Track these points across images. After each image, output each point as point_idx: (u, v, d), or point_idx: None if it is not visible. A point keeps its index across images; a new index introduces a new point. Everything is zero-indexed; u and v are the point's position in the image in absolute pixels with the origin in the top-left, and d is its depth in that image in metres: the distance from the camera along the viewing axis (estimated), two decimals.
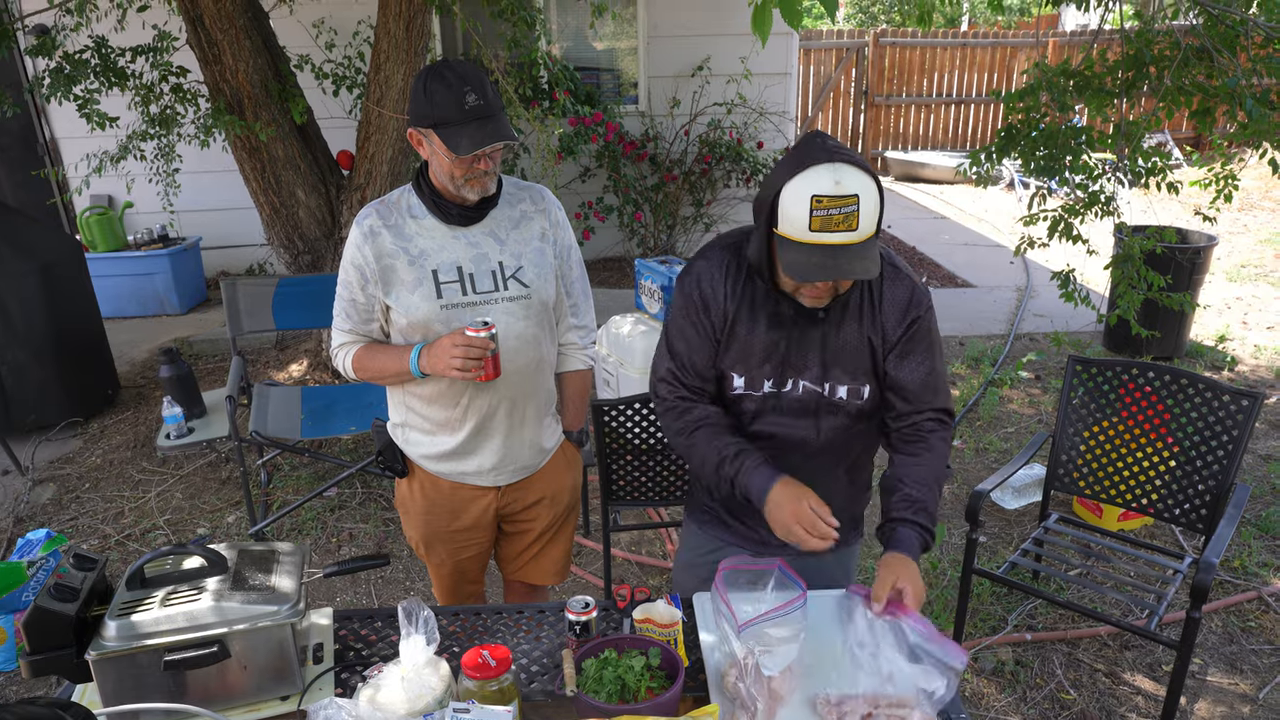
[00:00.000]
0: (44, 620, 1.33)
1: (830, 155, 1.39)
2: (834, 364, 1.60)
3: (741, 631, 1.41)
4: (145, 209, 5.96)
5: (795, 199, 1.39)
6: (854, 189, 1.38)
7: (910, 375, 1.63)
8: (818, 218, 1.38)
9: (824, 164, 1.38)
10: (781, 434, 1.66)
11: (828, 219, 1.38)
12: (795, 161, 1.41)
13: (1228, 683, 2.65)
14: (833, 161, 1.38)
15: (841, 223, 1.38)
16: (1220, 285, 6.41)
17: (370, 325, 1.85)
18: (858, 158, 1.41)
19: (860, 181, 1.39)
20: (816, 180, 1.38)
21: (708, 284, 1.61)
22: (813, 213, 1.38)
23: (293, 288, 3.72)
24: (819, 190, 1.37)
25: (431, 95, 1.63)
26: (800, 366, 1.61)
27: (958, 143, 11.17)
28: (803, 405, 1.63)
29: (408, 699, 1.33)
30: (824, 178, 1.38)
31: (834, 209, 1.37)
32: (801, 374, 1.61)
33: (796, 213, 1.40)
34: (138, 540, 3.44)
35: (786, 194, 1.41)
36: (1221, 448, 2.46)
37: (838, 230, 1.38)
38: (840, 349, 1.60)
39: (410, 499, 1.98)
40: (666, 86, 6.58)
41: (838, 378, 1.61)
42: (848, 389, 1.62)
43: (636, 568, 3.30)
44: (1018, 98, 3.56)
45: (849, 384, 1.62)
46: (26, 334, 4.08)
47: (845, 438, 1.69)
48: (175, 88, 4.13)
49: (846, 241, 1.40)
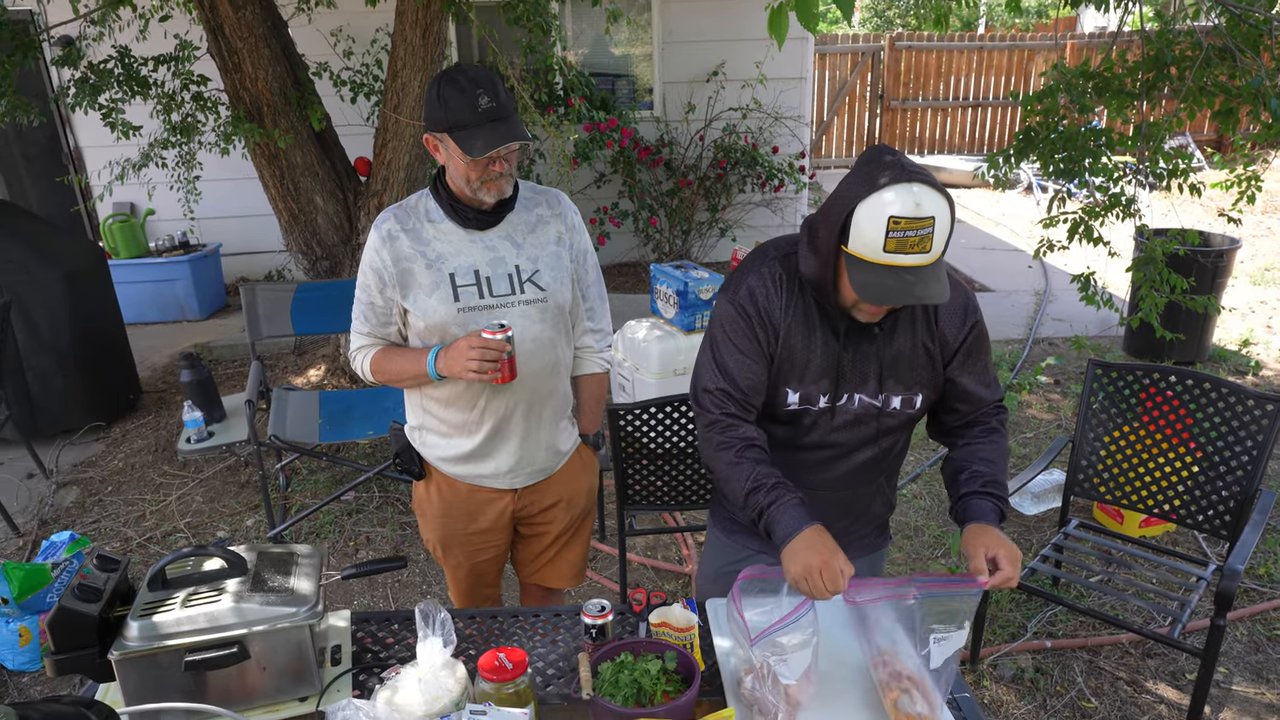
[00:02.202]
0: (68, 620, 1.35)
1: (909, 175, 1.35)
2: (889, 376, 1.59)
3: (754, 644, 1.41)
4: (166, 216, 6.03)
5: (871, 218, 1.35)
6: (931, 211, 1.34)
7: (974, 381, 1.63)
8: (894, 239, 1.34)
9: (903, 183, 1.34)
10: (835, 446, 1.65)
11: (903, 241, 1.34)
12: (870, 178, 1.37)
13: (1254, 692, 2.61)
14: (911, 182, 1.35)
15: (916, 245, 1.35)
16: (1244, 289, 6.33)
17: (388, 328, 1.86)
18: (933, 177, 1.38)
19: (937, 203, 1.35)
20: (896, 200, 1.34)
21: (763, 298, 1.56)
22: (889, 234, 1.34)
23: (311, 293, 3.75)
24: (897, 211, 1.33)
25: (445, 100, 1.65)
26: (856, 380, 1.59)
27: (974, 147, 11.12)
28: (856, 418, 1.63)
29: (425, 700, 1.33)
30: (904, 198, 1.34)
31: (911, 231, 1.34)
32: (857, 388, 1.60)
33: (871, 232, 1.36)
34: (159, 543, 3.48)
35: (862, 212, 1.36)
36: (1246, 453, 2.42)
37: (912, 252, 1.35)
38: (895, 360, 1.59)
39: (427, 501, 1.99)
40: (681, 92, 6.59)
41: (892, 389, 1.60)
42: (901, 399, 1.61)
43: (652, 572, 3.30)
44: (1036, 99, 3.53)
45: (903, 394, 1.61)
46: (52, 340, 4.14)
47: (893, 446, 1.70)
48: (196, 96, 4.19)
49: (919, 264, 1.37)
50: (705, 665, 1.54)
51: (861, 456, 1.67)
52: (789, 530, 1.47)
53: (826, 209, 1.45)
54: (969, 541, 1.50)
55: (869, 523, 1.81)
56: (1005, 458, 1.64)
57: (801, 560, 1.43)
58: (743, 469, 1.55)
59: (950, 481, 1.64)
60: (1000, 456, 1.63)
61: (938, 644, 1.38)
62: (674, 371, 3.95)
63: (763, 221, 6.80)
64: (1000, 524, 1.55)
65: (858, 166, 1.42)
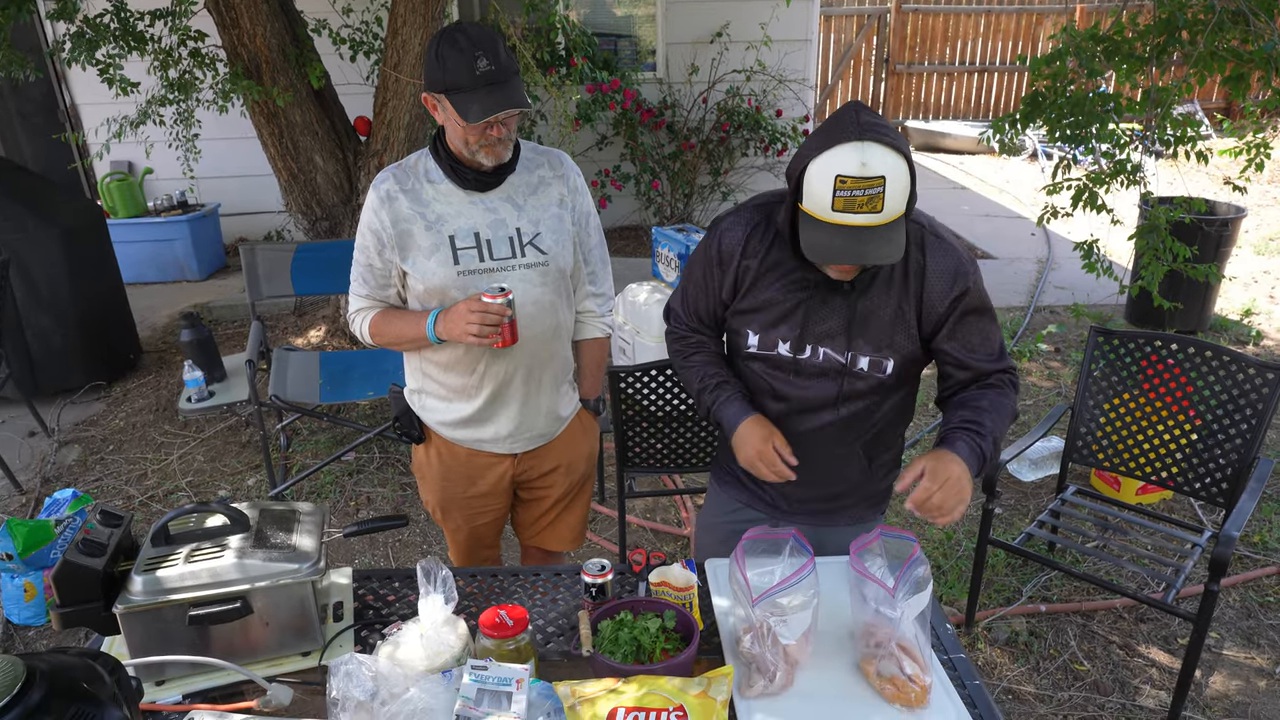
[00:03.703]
0: (73, 574, 1.36)
1: (860, 133, 1.33)
2: (859, 334, 1.58)
3: (756, 604, 1.43)
4: (165, 175, 5.98)
5: (820, 176, 1.36)
6: (880, 170, 1.33)
7: (968, 350, 1.59)
8: (840, 198, 1.34)
9: (852, 142, 1.33)
10: (798, 400, 1.65)
11: (850, 200, 1.34)
12: (825, 136, 1.37)
13: (1244, 657, 2.64)
14: (862, 140, 1.33)
15: (865, 204, 1.34)
16: (1247, 258, 6.30)
17: (387, 291, 1.85)
18: (890, 135, 1.35)
19: (889, 161, 1.33)
20: (843, 159, 1.33)
21: (728, 240, 1.61)
22: (835, 193, 1.34)
23: (311, 253, 3.73)
24: (844, 170, 1.33)
25: (443, 60, 1.61)
26: (822, 334, 1.58)
27: (980, 112, 10.98)
28: (822, 373, 1.61)
29: (426, 656, 1.35)
30: (850, 157, 1.33)
31: (858, 190, 1.33)
32: (823, 341, 1.59)
33: (820, 191, 1.36)
34: (161, 501, 3.50)
35: (812, 170, 1.37)
36: (1245, 421, 2.43)
37: (861, 212, 1.34)
38: (866, 319, 1.56)
39: (427, 465, 2.00)
40: (685, 53, 6.49)
41: (860, 348, 1.58)
42: (869, 360, 1.59)
43: (651, 534, 3.33)
44: (1044, 63, 3.48)
45: (871, 355, 1.59)
46: (51, 299, 4.13)
47: (864, 411, 1.66)
48: (194, 52, 4.12)
49: (869, 224, 1.36)
50: (704, 624, 1.56)
51: (825, 416, 1.65)
52: (732, 423, 1.64)
53: (790, 164, 1.47)
54: (914, 460, 1.49)
55: (851, 494, 1.78)
56: (1001, 410, 1.57)
57: (742, 451, 1.62)
58: (693, 371, 1.73)
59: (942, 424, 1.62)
60: (994, 407, 1.56)
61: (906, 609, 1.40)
62: None
63: (765, 185, 6.74)
64: (977, 462, 1.49)
65: (823, 123, 1.42)
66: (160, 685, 1.42)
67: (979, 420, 1.54)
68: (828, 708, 1.37)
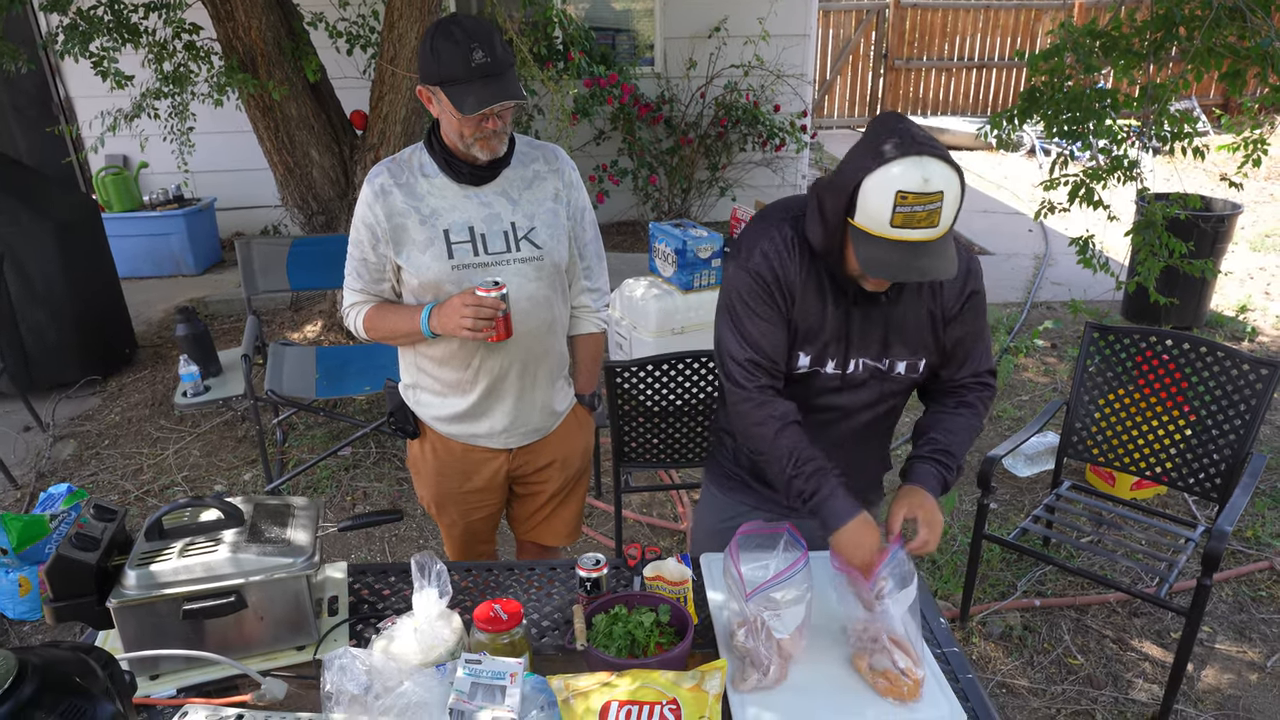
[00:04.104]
0: (66, 568, 1.36)
1: (919, 148, 1.32)
2: (895, 341, 1.59)
3: (750, 598, 1.43)
4: (160, 169, 5.95)
5: (879, 192, 1.33)
6: (940, 185, 1.32)
7: (963, 345, 1.64)
8: (900, 214, 1.32)
9: (912, 157, 1.31)
10: (840, 409, 1.67)
11: (910, 216, 1.32)
12: (879, 150, 1.34)
13: (1236, 650, 2.65)
14: (921, 155, 1.32)
15: (924, 220, 1.33)
16: (1243, 255, 6.31)
17: (382, 285, 1.84)
18: (943, 149, 1.35)
19: (946, 177, 1.33)
20: (904, 174, 1.31)
21: (778, 263, 1.53)
22: (896, 208, 1.32)
23: (307, 248, 3.73)
24: (905, 186, 1.31)
25: (438, 52, 1.61)
26: (862, 345, 1.59)
27: (978, 108, 10.97)
28: (862, 382, 1.64)
29: (421, 650, 1.35)
30: (912, 173, 1.31)
31: (918, 206, 1.31)
32: (864, 353, 1.60)
33: (878, 206, 1.33)
34: (156, 496, 3.50)
35: (869, 185, 1.34)
36: (1239, 416, 2.44)
37: (919, 227, 1.33)
38: (901, 325, 1.59)
39: (422, 460, 2.00)
40: (683, 48, 6.48)
41: (898, 353, 1.61)
42: (906, 364, 1.62)
43: (648, 529, 3.33)
44: (1042, 58, 3.47)
45: (908, 359, 1.62)
46: (45, 293, 4.12)
47: (895, 407, 1.72)
48: (188, 45, 4.10)
49: (926, 239, 1.35)
50: (699, 618, 1.56)
51: (864, 418, 1.69)
52: (839, 520, 1.51)
53: (835, 179, 1.42)
54: (895, 501, 1.55)
55: (865, 479, 1.83)
56: (969, 434, 1.65)
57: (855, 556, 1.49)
58: (781, 448, 1.56)
59: (913, 442, 1.68)
60: (963, 430, 1.64)
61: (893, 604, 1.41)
62: (672, 330, 3.94)
63: (763, 181, 6.73)
64: (941, 492, 1.59)
65: (867, 135, 1.39)
66: (154, 679, 1.42)
67: (951, 452, 1.62)
68: (821, 701, 1.37)
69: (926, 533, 1.51)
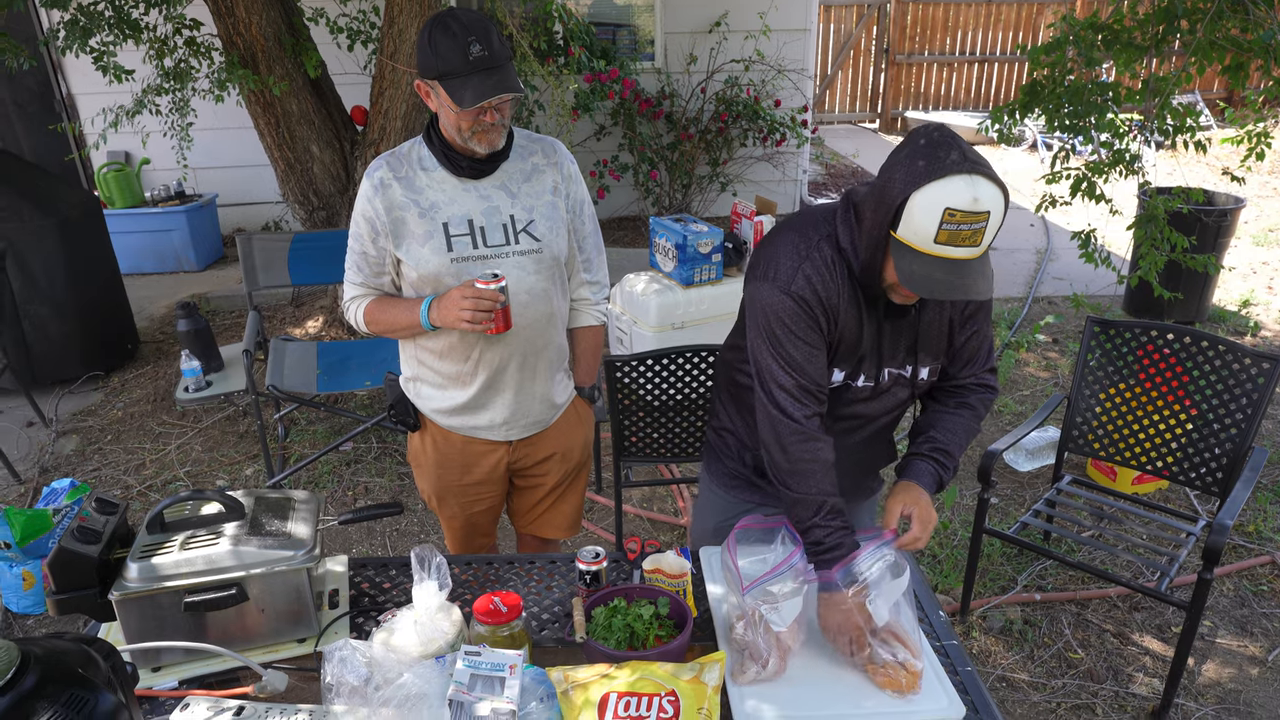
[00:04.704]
0: (68, 561, 1.36)
1: (971, 166, 1.31)
2: (920, 349, 1.60)
3: (747, 592, 1.43)
4: (162, 166, 5.96)
5: (927, 207, 1.31)
6: (988, 206, 1.30)
7: (967, 343, 1.65)
8: (946, 231, 1.31)
9: (963, 175, 1.30)
10: (868, 416, 1.68)
11: (956, 234, 1.31)
12: (929, 165, 1.32)
13: (1237, 645, 2.65)
14: (973, 174, 1.30)
15: (968, 239, 1.32)
16: (1246, 249, 6.29)
17: (382, 278, 1.85)
18: (992, 169, 1.34)
19: (995, 198, 1.31)
20: (954, 192, 1.30)
21: (821, 287, 1.51)
22: (943, 225, 1.31)
23: (308, 243, 3.73)
24: (955, 204, 1.30)
25: (435, 46, 1.61)
26: (890, 356, 1.60)
27: (980, 103, 10.94)
28: (888, 390, 1.65)
29: (421, 642, 1.35)
30: (962, 191, 1.30)
31: (965, 224, 1.30)
32: (892, 363, 1.61)
33: (924, 222, 1.32)
34: (159, 490, 3.51)
35: (918, 200, 1.32)
36: (1240, 410, 2.43)
37: (963, 245, 1.33)
38: (924, 334, 1.59)
39: (422, 453, 2.00)
40: (683, 43, 6.47)
41: (922, 360, 1.62)
42: (929, 369, 1.63)
43: (648, 524, 3.33)
44: (1043, 52, 3.47)
45: (930, 364, 1.63)
46: (48, 289, 4.13)
47: (908, 407, 1.74)
48: (189, 41, 4.10)
49: (968, 257, 1.34)
50: (698, 611, 1.56)
51: (883, 421, 1.72)
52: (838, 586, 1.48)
53: (878, 190, 1.40)
54: (892, 497, 1.57)
55: (871, 471, 1.87)
56: (968, 434, 1.67)
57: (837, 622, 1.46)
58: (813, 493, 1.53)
59: (910, 440, 1.70)
60: (962, 430, 1.66)
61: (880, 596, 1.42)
62: (672, 325, 3.94)
63: (764, 176, 6.72)
64: (936, 490, 1.61)
65: (914, 148, 1.36)
66: (156, 671, 1.42)
67: (949, 451, 1.64)
68: (820, 693, 1.38)
69: (919, 529, 1.52)
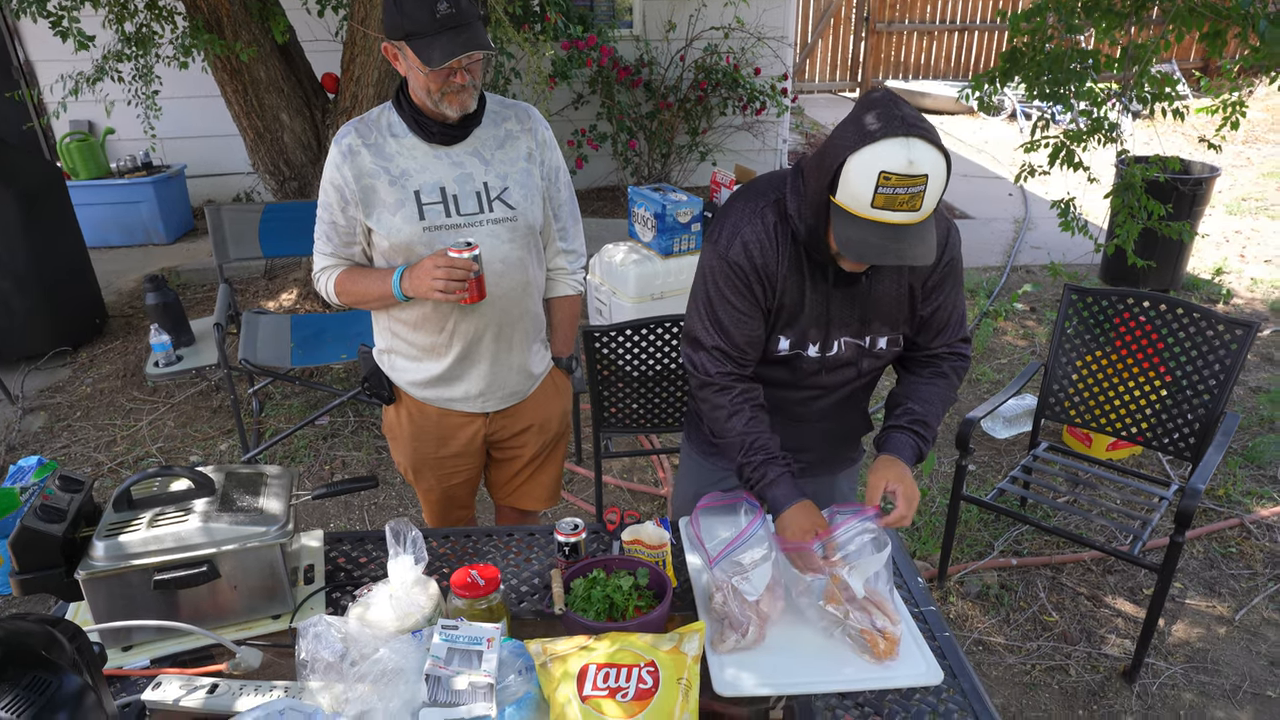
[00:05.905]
0: (31, 540, 1.33)
1: (907, 129, 1.27)
2: (874, 318, 1.58)
3: (715, 564, 1.43)
4: (128, 136, 5.80)
5: (862, 171, 1.29)
6: (925, 169, 1.28)
7: (939, 314, 1.62)
8: (882, 195, 1.29)
9: (899, 137, 1.27)
10: (824, 387, 1.67)
11: (893, 198, 1.29)
12: (865, 129, 1.29)
13: (1205, 605, 2.71)
14: (909, 136, 1.27)
15: (906, 202, 1.29)
16: (1220, 218, 6.35)
17: (352, 248, 1.80)
18: (933, 131, 1.31)
19: (932, 160, 1.29)
20: (889, 155, 1.27)
21: (758, 253, 1.49)
22: (878, 189, 1.28)
23: (279, 214, 3.65)
24: (889, 167, 1.27)
25: (401, 5, 1.56)
26: (842, 325, 1.58)
27: (960, 72, 10.92)
28: (847, 361, 1.63)
29: (397, 617, 1.34)
30: (897, 154, 1.27)
31: (901, 188, 1.28)
32: (845, 332, 1.59)
33: (860, 186, 1.30)
34: (130, 467, 3.45)
35: (853, 164, 1.30)
36: (1214, 376, 2.46)
37: (901, 210, 1.30)
38: (879, 302, 1.57)
39: (398, 425, 1.97)
40: (662, 10, 6.37)
41: (878, 330, 1.59)
42: (887, 339, 1.61)
43: (628, 495, 3.33)
44: (1024, 19, 3.44)
45: (889, 334, 1.61)
46: (9, 263, 4.02)
47: (876, 378, 1.72)
48: (150, 4, 3.97)
49: (907, 221, 1.32)
50: (678, 582, 1.56)
51: (845, 391, 1.70)
52: (779, 506, 1.53)
53: (819, 155, 1.38)
54: (873, 472, 1.55)
55: (847, 441, 1.85)
56: (944, 402, 1.66)
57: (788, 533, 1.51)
58: (733, 436, 1.57)
59: (886, 412, 1.68)
60: (938, 400, 1.64)
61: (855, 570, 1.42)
62: (651, 296, 3.92)
63: (743, 145, 6.67)
64: (915, 462, 1.59)
65: (855, 110, 1.35)
66: (127, 650, 1.40)
67: (927, 422, 1.62)
68: (799, 661, 1.38)
69: (904, 507, 1.50)
